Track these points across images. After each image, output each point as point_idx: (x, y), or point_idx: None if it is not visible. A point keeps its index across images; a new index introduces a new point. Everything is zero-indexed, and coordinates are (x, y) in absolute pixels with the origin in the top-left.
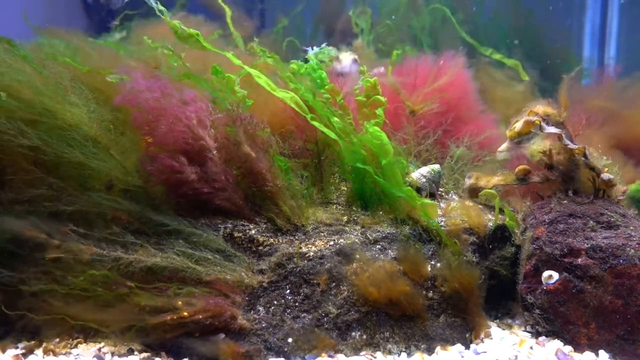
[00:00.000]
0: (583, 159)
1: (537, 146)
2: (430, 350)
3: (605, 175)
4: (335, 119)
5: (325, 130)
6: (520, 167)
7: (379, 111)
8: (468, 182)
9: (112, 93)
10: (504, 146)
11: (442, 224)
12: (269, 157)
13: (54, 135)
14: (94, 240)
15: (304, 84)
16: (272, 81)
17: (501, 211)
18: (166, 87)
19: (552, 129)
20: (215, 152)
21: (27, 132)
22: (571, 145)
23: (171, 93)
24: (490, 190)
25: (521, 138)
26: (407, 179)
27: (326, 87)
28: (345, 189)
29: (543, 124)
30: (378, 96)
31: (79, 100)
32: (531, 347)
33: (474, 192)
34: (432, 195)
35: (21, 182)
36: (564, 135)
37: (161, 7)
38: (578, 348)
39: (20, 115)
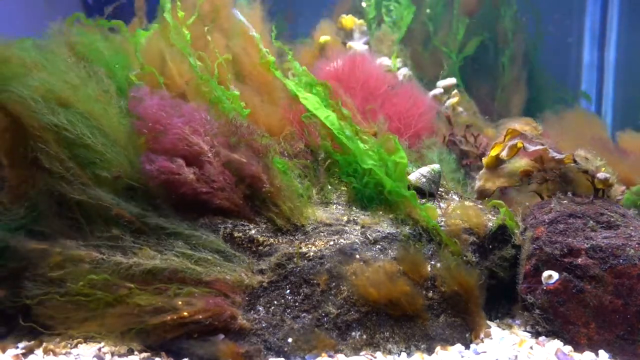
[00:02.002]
0: (573, 164)
1: (518, 163)
2: (430, 350)
3: (602, 175)
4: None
5: (345, 140)
6: (522, 168)
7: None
8: (478, 183)
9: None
10: (481, 173)
11: (442, 224)
12: (266, 160)
13: (80, 122)
14: (96, 239)
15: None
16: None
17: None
18: (165, 102)
19: (537, 147)
20: (210, 155)
21: (57, 111)
22: (558, 156)
23: (168, 105)
24: (497, 201)
25: (498, 162)
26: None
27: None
28: (345, 189)
29: (526, 144)
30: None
31: (110, 100)
32: (531, 347)
33: (482, 194)
34: (432, 195)
35: (46, 158)
36: (549, 149)
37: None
38: (578, 348)
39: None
